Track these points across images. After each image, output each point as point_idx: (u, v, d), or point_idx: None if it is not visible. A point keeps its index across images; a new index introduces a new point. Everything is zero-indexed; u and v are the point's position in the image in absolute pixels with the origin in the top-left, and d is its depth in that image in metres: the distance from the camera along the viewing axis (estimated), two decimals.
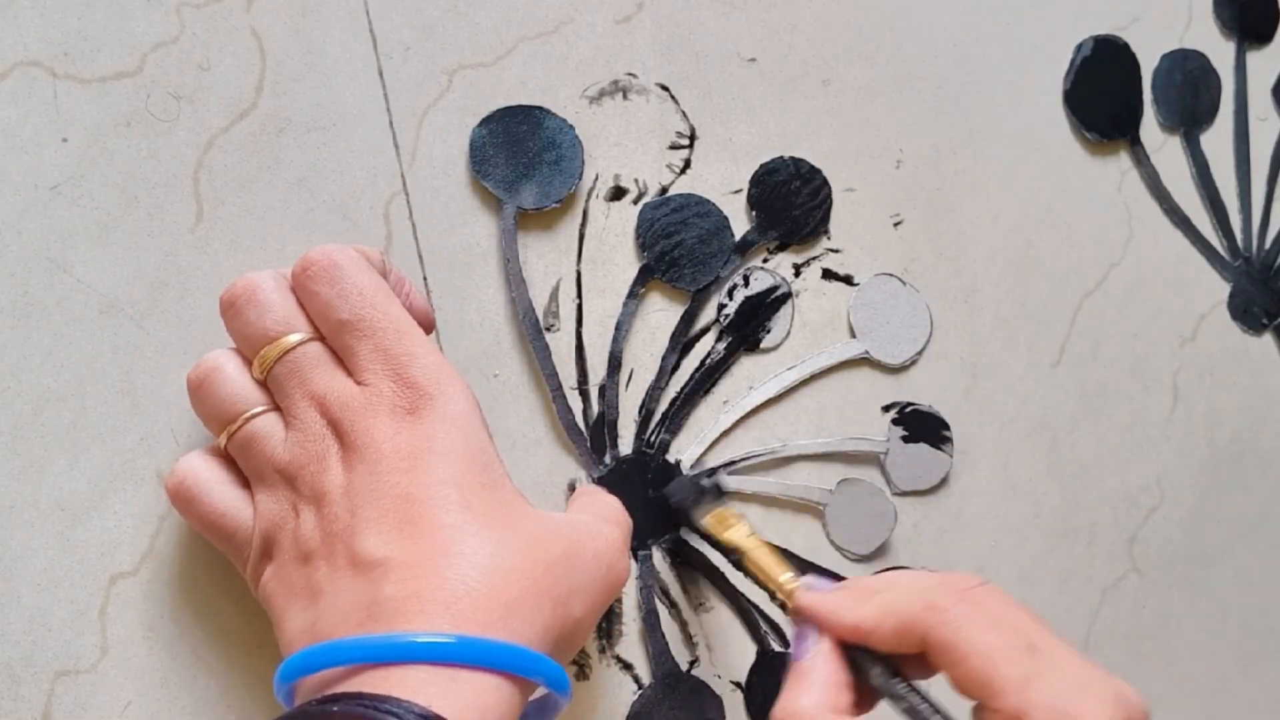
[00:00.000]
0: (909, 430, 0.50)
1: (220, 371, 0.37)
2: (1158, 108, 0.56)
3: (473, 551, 0.33)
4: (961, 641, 0.36)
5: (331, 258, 0.36)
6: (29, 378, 0.39)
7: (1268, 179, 0.59)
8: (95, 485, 0.39)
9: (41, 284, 0.39)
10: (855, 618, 0.38)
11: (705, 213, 0.47)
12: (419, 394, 0.35)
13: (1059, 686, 0.34)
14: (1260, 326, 0.58)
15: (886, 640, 0.37)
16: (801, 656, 0.39)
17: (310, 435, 0.35)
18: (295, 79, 0.42)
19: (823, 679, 0.38)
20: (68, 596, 0.39)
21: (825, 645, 0.39)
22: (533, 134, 0.45)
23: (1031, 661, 0.35)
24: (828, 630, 0.39)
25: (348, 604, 0.33)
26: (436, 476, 0.34)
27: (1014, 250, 0.53)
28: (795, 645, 0.39)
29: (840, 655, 0.38)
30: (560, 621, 0.34)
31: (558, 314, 0.45)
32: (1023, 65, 0.54)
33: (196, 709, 0.40)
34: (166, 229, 0.40)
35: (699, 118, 0.48)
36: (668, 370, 0.47)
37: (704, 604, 0.47)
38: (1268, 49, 0.59)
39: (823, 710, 0.37)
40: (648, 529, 0.46)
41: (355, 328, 0.36)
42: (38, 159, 0.39)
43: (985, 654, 0.35)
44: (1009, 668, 0.35)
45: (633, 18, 0.47)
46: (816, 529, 0.49)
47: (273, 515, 0.36)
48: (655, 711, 0.46)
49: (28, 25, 0.39)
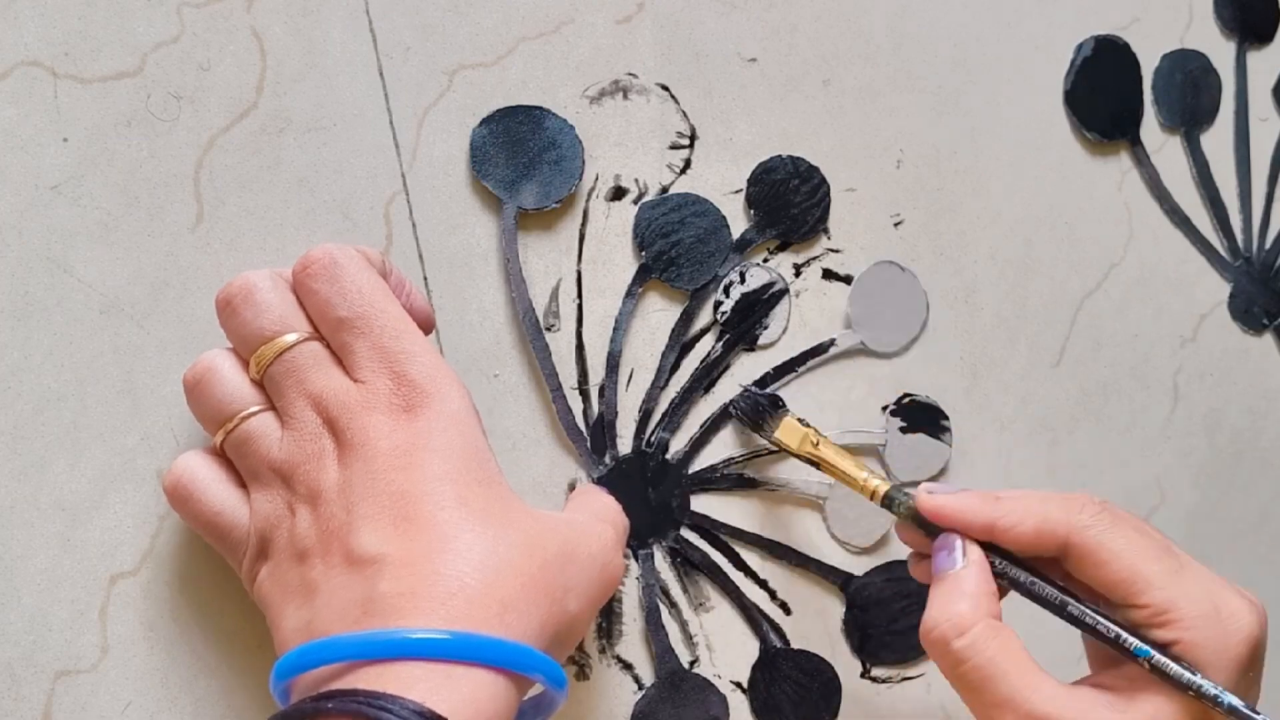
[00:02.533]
0: (907, 421, 0.50)
1: (216, 371, 0.37)
2: (1158, 108, 0.56)
3: (468, 548, 0.33)
4: (1106, 543, 0.38)
5: (332, 256, 0.36)
6: (29, 377, 0.39)
7: (1268, 179, 0.59)
8: (96, 485, 0.39)
9: (42, 284, 0.39)
10: (990, 516, 0.40)
11: (703, 212, 0.47)
12: (416, 392, 0.35)
13: (1202, 581, 0.38)
14: (1261, 327, 0.58)
15: (1022, 540, 0.39)
16: (951, 566, 0.40)
17: (306, 434, 0.35)
18: (296, 79, 0.42)
19: (974, 587, 0.39)
20: (68, 596, 0.39)
21: (976, 554, 0.40)
22: (533, 134, 0.45)
23: (1174, 560, 0.38)
24: (958, 528, 0.40)
25: (343, 601, 0.33)
26: (432, 473, 0.34)
27: (1014, 250, 0.53)
28: (936, 556, 0.40)
29: (988, 564, 0.40)
30: (556, 618, 0.34)
31: (558, 314, 0.45)
32: (1023, 65, 0.54)
33: (196, 709, 0.40)
34: (167, 229, 0.40)
35: (699, 118, 0.48)
36: (667, 370, 0.47)
37: (705, 603, 0.47)
38: (1268, 49, 0.59)
39: (980, 615, 0.38)
40: (648, 528, 0.46)
41: (354, 326, 0.36)
42: (38, 159, 0.39)
43: (1131, 554, 0.38)
44: (1155, 564, 0.38)
45: (633, 18, 0.47)
46: (817, 522, 0.49)
47: (269, 514, 0.36)
48: (659, 710, 0.46)
49: (28, 25, 0.39)
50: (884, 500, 0.43)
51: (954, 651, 0.38)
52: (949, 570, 0.40)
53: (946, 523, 0.40)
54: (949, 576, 0.40)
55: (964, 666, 0.38)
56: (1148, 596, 0.38)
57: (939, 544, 0.41)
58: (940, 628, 0.39)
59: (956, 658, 0.38)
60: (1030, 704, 0.37)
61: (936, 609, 0.39)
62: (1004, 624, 0.39)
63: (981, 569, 0.40)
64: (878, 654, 0.49)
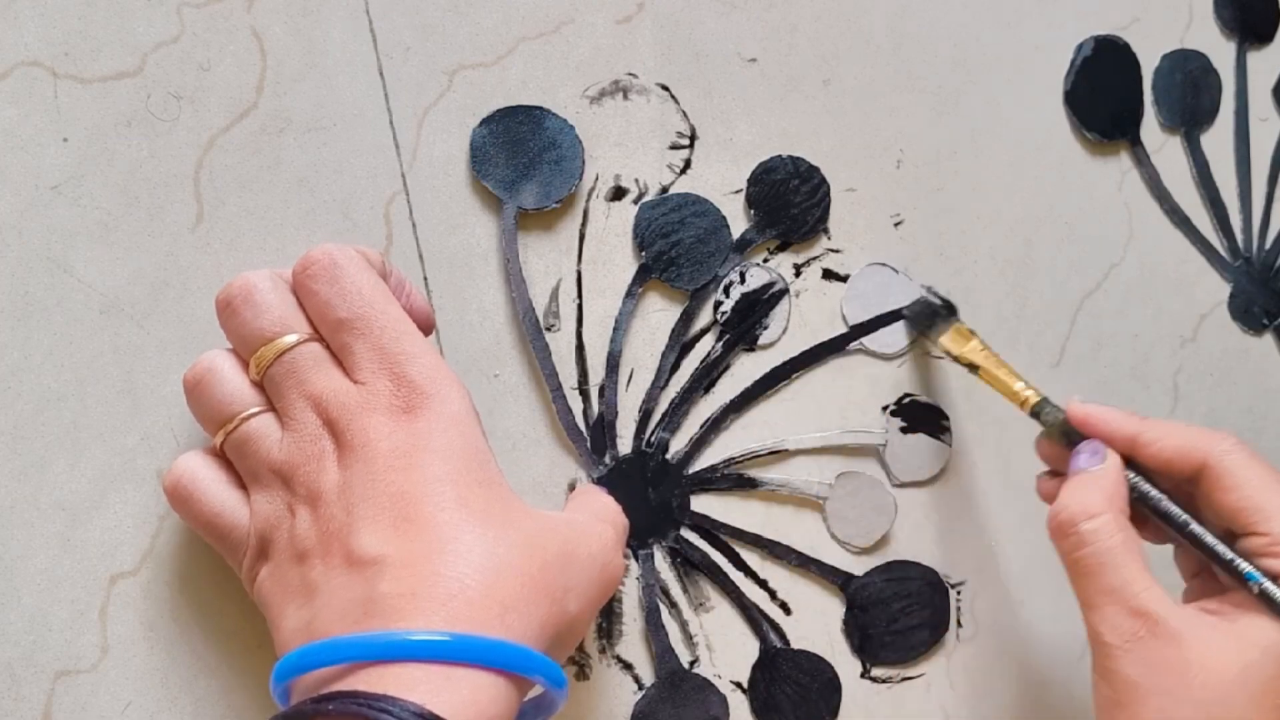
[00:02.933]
0: (907, 421, 0.50)
1: (216, 372, 0.37)
2: (1158, 108, 0.56)
3: (468, 549, 0.33)
4: (1240, 471, 0.42)
5: (332, 257, 0.36)
6: (29, 377, 0.39)
7: (1268, 179, 0.59)
8: (96, 485, 0.39)
9: (42, 284, 0.39)
10: (1135, 429, 0.44)
11: (703, 212, 0.47)
12: (415, 393, 0.35)
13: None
14: (1261, 327, 0.58)
15: (1162, 455, 0.43)
16: (1090, 466, 0.43)
17: (306, 435, 0.35)
18: (296, 79, 0.42)
19: (1109, 484, 0.43)
20: (68, 596, 0.39)
21: (1115, 459, 0.43)
22: (533, 134, 0.45)
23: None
24: (1103, 436, 0.44)
25: (343, 602, 0.33)
26: (432, 474, 0.34)
27: (1014, 250, 0.53)
28: (1076, 457, 0.44)
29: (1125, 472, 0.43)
30: (556, 619, 0.34)
31: (558, 314, 0.45)
32: (1023, 65, 0.54)
33: (196, 709, 0.40)
34: (167, 229, 0.40)
35: (699, 118, 0.48)
36: (667, 370, 0.47)
37: (705, 603, 0.47)
38: (1268, 49, 0.59)
39: (1112, 509, 0.42)
40: (648, 528, 0.46)
41: (353, 326, 0.36)
42: (38, 159, 0.39)
43: (1261, 485, 0.41)
44: (1278, 498, 0.41)
45: (633, 18, 0.47)
46: (817, 522, 0.49)
47: (269, 515, 0.36)
48: (659, 710, 0.46)
49: (28, 25, 0.39)
50: (1033, 410, 0.46)
51: (1079, 533, 0.41)
52: (1087, 469, 0.43)
53: (1093, 431, 0.44)
54: (1085, 474, 0.43)
55: (1084, 550, 0.41)
56: (1268, 526, 0.41)
57: (1081, 448, 0.44)
58: (1070, 509, 0.42)
59: (1080, 540, 0.41)
60: (1139, 599, 0.40)
61: (1069, 495, 0.42)
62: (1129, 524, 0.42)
63: (1118, 471, 0.43)
64: (878, 654, 0.49)
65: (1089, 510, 0.42)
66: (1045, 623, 0.53)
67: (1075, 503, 0.42)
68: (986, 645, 0.51)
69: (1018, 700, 0.52)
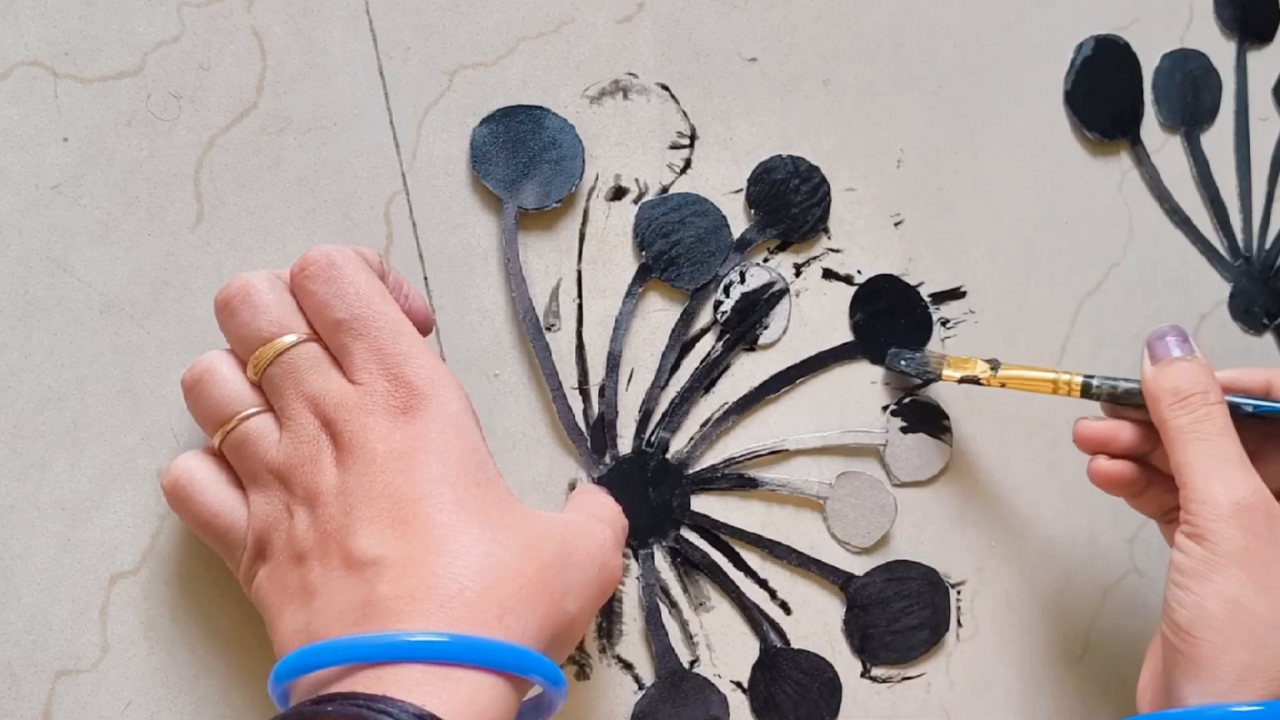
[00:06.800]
0: (908, 421, 0.50)
1: (214, 373, 0.37)
2: (1158, 107, 0.56)
3: (466, 550, 0.33)
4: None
5: (330, 257, 0.36)
6: (30, 377, 0.39)
7: (1268, 179, 0.59)
8: (96, 485, 0.39)
9: (42, 284, 0.39)
10: (1264, 375, 0.46)
11: (703, 212, 0.47)
12: (413, 393, 0.35)
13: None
14: (1261, 326, 0.58)
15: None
16: (1184, 354, 0.45)
17: (304, 436, 0.35)
18: (296, 78, 0.42)
19: (1209, 371, 0.45)
20: (68, 596, 0.39)
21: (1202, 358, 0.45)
22: (533, 134, 0.45)
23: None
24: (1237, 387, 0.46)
25: (342, 604, 0.33)
26: (430, 475, 0.34)
27: (1014, 250, 0.53)
28: (1163, 342, 0.46)
29: None
30: (555, 620, 0.34)
31: (558, 314, 0.45)
32: (1023, 65, 0.54)
33: (196, 709, 0.40)
34: (167, 228, 0.40)
35: (700, 117, 0.48)
36: (667, 369, 0.47)
37: (705, 603, 0.47)
38: (1268, 49, 0.59)
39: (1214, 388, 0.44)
40: (649, 528, 0.46)
41: (351, 327, 0.36)
42: (38, 158, 0.39)
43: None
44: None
45: (633, 17, 0.47)
46: (817, 522, 0.49)
47: (267, 516, 0.36)
48: (659, 710, 0.46)
49: (28, 25, 0.39)
50: (1083, 390, 0.47)
51: (1200, 399, 0.43)
52: (1183, 355, 0.45)
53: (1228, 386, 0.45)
54: (1185, 359, 0.45)
55: (1208, 419, 0.43)
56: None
57: (1164, 333, 0.46)
58: (1190, 379, 0.44)
59: (1204, 406, 0.43)
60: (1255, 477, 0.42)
61: (1179, 373, 0.44)
62: None
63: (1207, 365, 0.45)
64: (878, 654, 0.49)
65: (1203, 385, 0.44)
66: (1045, 623, 0.53)
67: (1189, 377, 0.44)
68: (986, 645, 0.51)
69: (1018, 700, 0.52)
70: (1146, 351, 0.46)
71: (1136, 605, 0.55)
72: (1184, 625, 0.41)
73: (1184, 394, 0.44)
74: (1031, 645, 0.52)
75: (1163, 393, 0.44)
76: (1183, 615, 0.41)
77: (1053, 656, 0.53)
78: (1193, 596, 0.41)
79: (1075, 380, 0.47)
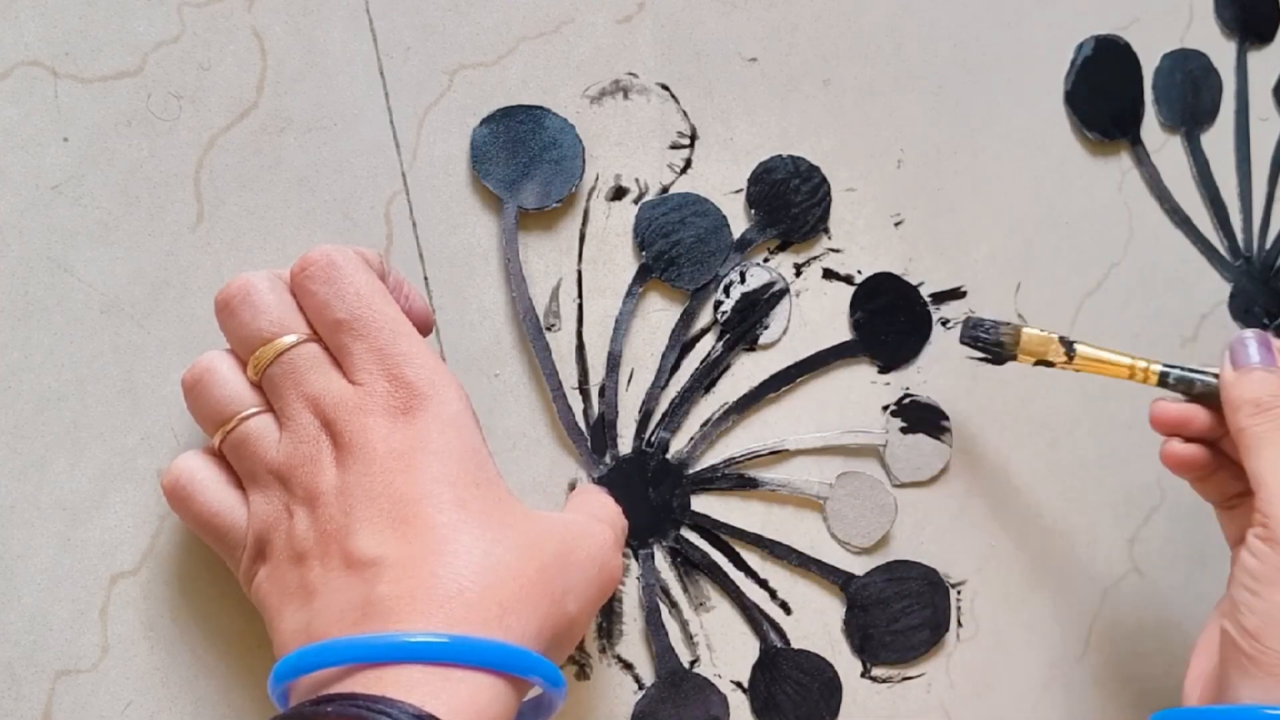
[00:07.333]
0: (907, 421, 0.50)
1: (214, 373, 0.37)
2: (1159, 107, 0.56)
3: (466, 550, 0.33)
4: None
5: (330, 258, 0.36)
6: (30, 377, 0.39)
7: (1268, 179, 0.59)
8: (96, 485, 0.39)
9: (42, 284, 0.39)
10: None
11: (703, 212, 0.47)
12: (413, 394, 0.35)
13: None
14: (1261, 327, 0.58)
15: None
16: (1266, 361, 0.45)
17: (304, 436, 0.35)
18: (296, 78, 0.42)
19: None
20: (68, 596, 0.39)
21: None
22: (534, 133, 0.45)
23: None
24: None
25: (342, 604, 0.33)
26: (430, 475, 0.34)
27: (1014, 250, 0.53)
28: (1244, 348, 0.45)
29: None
30: (555, 620, 0.34)
31: (558, 313, 0.45)
32: (1023, 65, 0.54)
33: (196, 709, 0.40)
34: (167, 228, 0.40)
35: (700, 117, 0.48)
36: (667, 370, 0.47)
37: (705, 603, 0.47)
38: (1268, 49, 0.59)
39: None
40: (649, 528, 0.46)
41: (351, 327, 0.36)
42: (39, 158, 0.39)
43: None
44: None
45: (633, 17, 0.47)
46: (817, 522, 0.49)
47: (267, 516, 0.36)
48: (659, 710, 0.46)
49: (29, 25, 0.39)
50: (1160, 380, 0.47)
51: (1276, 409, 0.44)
52: (1264, 364, 0.45)
53: None
54: (1267, 368, 0.45)
55: None
56: None
57: (1245, 339, 0.46)
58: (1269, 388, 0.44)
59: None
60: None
61: (1257, 382, 0.44)
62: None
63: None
64: (878, 654, 0.49)
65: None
66: (1045, 623, 0.53)
67: (1269, 388, 0.44)
68: (986, 645, 0.51)
69: (1018, 700, 0.52)
70: (1228, 354, 0.46)
71: (1136, 605, 0.55)
72: (1253, 631, 0.41)
73: (1265, 406, 0.44)
74: (1031, 645, 0.52)
75: (1243, 402, 0.44)
76: (1252, 621, 0.41)
77: (1053, 656, 0.53)
78: (1264, 603, 0.41)
79: (1154, 368, 0.47)
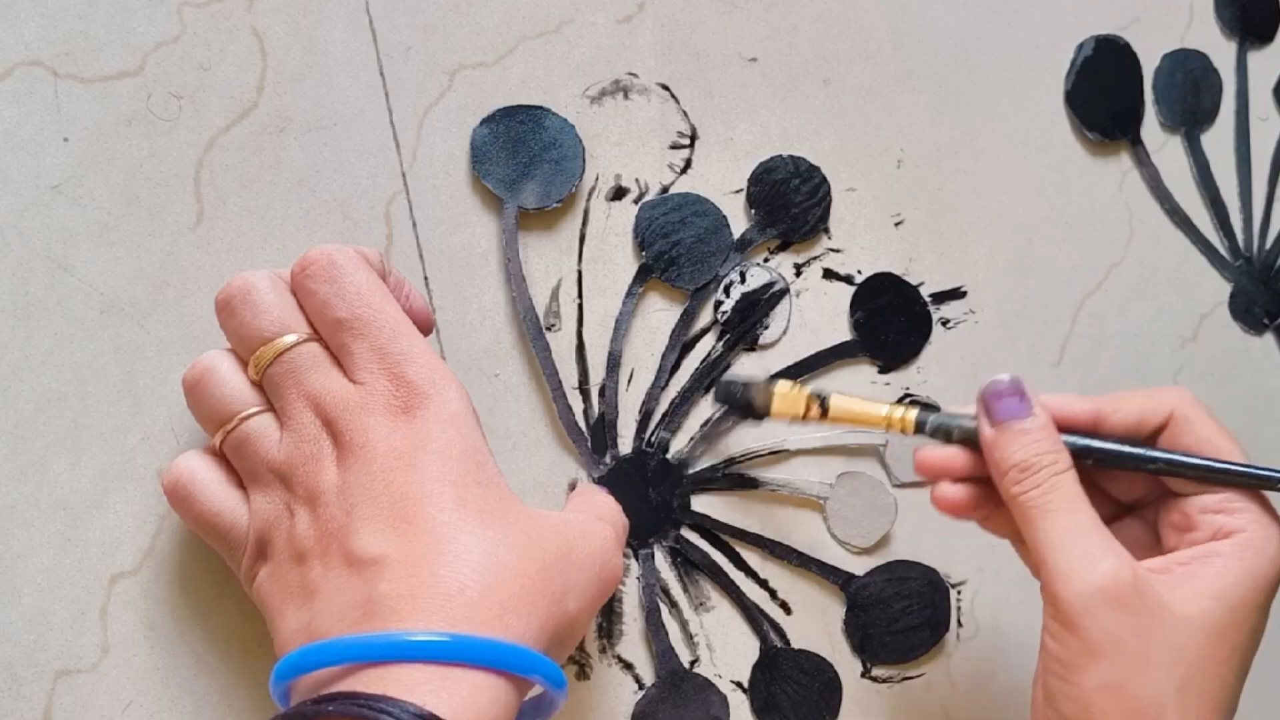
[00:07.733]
0: None
1: (215, 372, 0.37)
2: (1159, 107, 0.56)
3: (467, 549, 0.33)
4: (1204, 416, 0.42)
5: (330, 257, 0.36)
6: (30, 377, 0.39)
7: (1268, 179, 0.59)
8: (96, 484, 0.39)
9: (42, 284, 0.39)
10: (1092, 403, 0.42)
11: (703, 212, 0.47)
12: (414, 393, 0.35)
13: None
14: (1261, 326, 0.58)
15: (1129, 417, 0.42)
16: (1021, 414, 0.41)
17: (305, 435, 0.35)
18: (296, 78, 0.42)
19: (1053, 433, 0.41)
20: (69, 596, 0.39)
21: (1046, 413, 0.42)
22: (534, 133, 0.45)
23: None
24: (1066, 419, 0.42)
25: (343, 603, 0.33)
26: (431, 475, 0.34)
27: (1014, 250, 0.53)
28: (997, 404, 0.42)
29: None
30: (556, 619, 0.34)
31: (558, 313, 0.45)
32: (1024, 65, 0.54)
33: (196, 709, 0.40)
34: (168, 228, 0.40)
35: (700, 117, 0.48)
36: (667, 370, 0.47)
37: (705, 603, 0.47)
38: (1269, 49, 0.59)
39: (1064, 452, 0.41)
40: (649, 528, 0.46)
41: (352, 326, 0.36)
42: (39, 158, 0.39)
43: (1219, 432, 0.42)
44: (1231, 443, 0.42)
45: (634, 17, 0.47)
46: (817, 522, 0.49)
47: (268, 515, 0.36)
48: (659, 710, 0.46)
49: (29, 25, 0.39)
50: (917, 426, 0.43)
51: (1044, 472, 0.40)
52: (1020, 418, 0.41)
53: (1057, 417, 0.42)
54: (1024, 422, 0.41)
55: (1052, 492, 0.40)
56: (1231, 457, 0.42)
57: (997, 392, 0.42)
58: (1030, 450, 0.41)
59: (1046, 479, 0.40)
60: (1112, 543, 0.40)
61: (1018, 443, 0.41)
62: None
63: (1051, 423, 0.41)
64: (878, 654, 0.49)
65: (1049, 454, 0.40)
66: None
67: (1032, 448, 0.41)
68: (986, 645, 0.51)
69: (1018, 700, 0.52)
70: (982, 409, 0.42)
71: None
72: (1073, 718, 0.39)
73: (1029, 468, 0.40)
74: (1031, 645, 0.52)
75: (1008, 467, 0.41)
76: (1070, 708, 0.39)
77: None
78: (1076, 688, 0.39)
79: (909, 416, 0.42)
